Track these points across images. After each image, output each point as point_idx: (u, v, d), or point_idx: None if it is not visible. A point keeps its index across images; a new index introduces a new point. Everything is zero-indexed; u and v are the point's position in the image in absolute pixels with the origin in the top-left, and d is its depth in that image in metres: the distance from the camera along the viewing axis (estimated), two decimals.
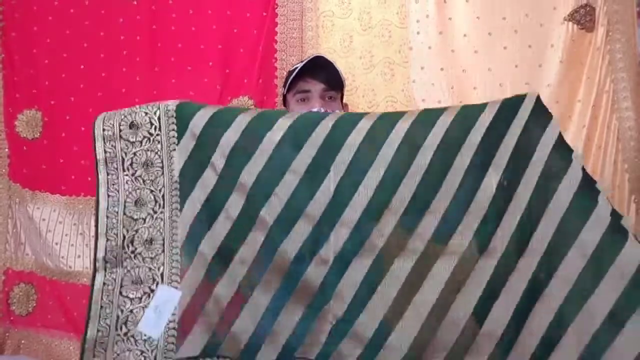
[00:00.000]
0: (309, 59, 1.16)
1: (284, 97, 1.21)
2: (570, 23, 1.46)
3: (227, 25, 1.49)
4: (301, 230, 0.82)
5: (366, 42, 1.50)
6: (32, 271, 1.48)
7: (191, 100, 0.98)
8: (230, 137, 0.87)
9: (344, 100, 1.26)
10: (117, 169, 0.90)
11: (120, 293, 0.86)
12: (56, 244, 1.46)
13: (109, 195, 0.90)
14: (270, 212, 0.83)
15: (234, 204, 0.85)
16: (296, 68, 1.16)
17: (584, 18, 1.46)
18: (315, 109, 1.10)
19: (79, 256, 1.45)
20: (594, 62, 1.47)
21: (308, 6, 1.49)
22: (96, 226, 0.89)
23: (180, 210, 0.87)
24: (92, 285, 0.88)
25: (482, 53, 1.47)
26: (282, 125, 0.87)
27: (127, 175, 0.90)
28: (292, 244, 0.82)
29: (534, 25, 1.47)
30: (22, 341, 1.45)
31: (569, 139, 1.46)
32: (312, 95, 1.12)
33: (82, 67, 1.49)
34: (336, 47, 1.49)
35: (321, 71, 1.14)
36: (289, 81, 1.16)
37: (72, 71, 1.49)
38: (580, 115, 1.46)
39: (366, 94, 1.49)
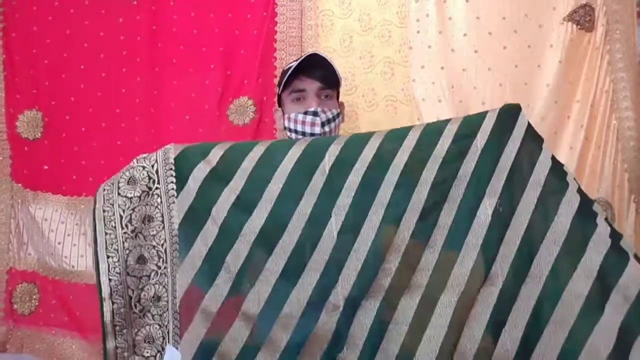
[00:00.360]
0: (304, 56, 1.13)
1: (279, 96, 1.19)
2: (570, 23, 1.46)
3: (228, 27, 1.49)
4: (309, 279, 0.81)
5: (366, 41, 1.50)
6: (35, 271, 1.49)
7: (190, 146, 0.93)
8: (230, 192, 0.86)
9: (340, 99, 1.23)
10: (114, 227, 0.86)
11: (135, 353, 0.84)
12: (59, 243, 1.47)
13: (108, 257, 0.86)
14: (276, 263, 0.82)
15: (237, 258, 0.83)
16: (291, 67, 1.13)
17: (583, 18, 1.47)
18: (311, 109, 1.08)
19: (82, 256, 1.46)
20: (593, 62, 1.47)
21: (307, 5, 1.49)
22: (99, 290, 0.86)
23: (180, 265, 0.84)
24: (105, 351, 0.84)
25: (482, 53, 1.48)
26: (281, 175, 0.85)
27: (125, 232, 0.86)
28: (302, 293, 0.80)
29: (533, 25, 1.47)
30: (25, 340, 1.47)
31: (568, 139, 1.49)
32: (308, 94, 1.10)
33: (82, 67, 1.50)
34: (336, 46, 1.50)
35: (317, 69, 1.10)
36: (284, 80, 1.14)
37: (72, 71, 1.50)
38: (579, 115, 1.47)
39: (366, 93, 1.49)
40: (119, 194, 0.88)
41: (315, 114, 1.08)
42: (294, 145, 0.91)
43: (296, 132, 1.11)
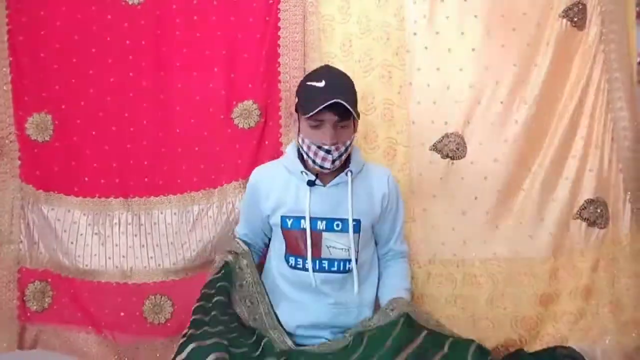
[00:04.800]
0: (326, 103, 1.20)
1: (296, 103, 1.33)
2: (564, 20, 1.56)
3: (231, 30, 1.60)
4: None
5: (365, 45, 1.60)
6: (47, 269, 1.63)
7: None
8: None
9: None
10: None
11: None
12: (71, 243, 1.61)
13: None
14: None
15: None
16: (313, 86, 1.24)
17: (577, 16, 1.56)
18: (326, 147, 1.25)
19: (94, 255, 1.60)
20: (586, 61, 1.57)
21: (310, 10, 1.59)
22: None
23: None
24: None
25: (479, 51, 1.58)
26: None
27: None
28: None
29: (532, 23, 1.56)
30: (40, 336, 1.61)
31: (563, 139, 1.57)
32: (325, 124, 1.25)
33: (90, 72, 1.61)
34: (336, 51, 1.60)
35: (337, 106, 1.22)
36: (303, 100, 1.27)
37: (82, 76, 1.61)
38: (574, 115, 1.58)
39: (365, 97, 1.59)
40: None
41: (328, 152, 1.26)
42: None
43: (308, 156, 1.30)
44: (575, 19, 1.57)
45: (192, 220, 1.61)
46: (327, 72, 1.31)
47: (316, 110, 1.22)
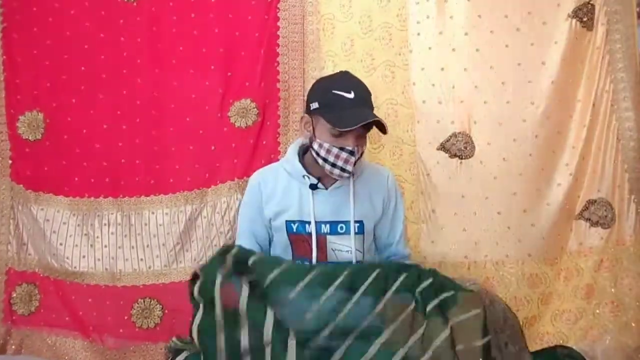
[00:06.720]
0: (367, 121, 1.20)
1: (311, 107, 1.26)
2: (574, 20, 1.55)
3: (228, 28, 1.58)
4: None
5: (367, 45, 1.59)
6: (35, 271, 1.60)
7: None
8: None
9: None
10: None
11: None
12: (60, 244, 1.58)
13: None
14: None
15: None
16: (340, 97, 1.21)
17: (586, 16, 1.56)
18: (349, 148, 1.21)
19: (83, 257, 1.57)
20: (594, 61, 1.57)
21: (309, 9, 1.58)
22: None
23: None
24: None
25: (483, 51, 1.57)
26: None
27: None
28: None
29: (537, 22, 1.56)
30: (25, 340, 1.58)
31: (571, 138, 1.57)
32: (349, 136, 1.22)
33: (82, 68, 1.59)
34: (337, 50, 1.59)
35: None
36: (329, 108, 1.22)
37: (73, 73, 1.59)
38: (581, 115, 1.57)
39: None
40: None
41: (352, 153, 1.23)
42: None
43: (325, 160, 1.24)
44: (585, 19, 1.57)
45: (184, 220, 1.58)
46: (352, 81, 1.28)
47: (356, 127, 1.20)
